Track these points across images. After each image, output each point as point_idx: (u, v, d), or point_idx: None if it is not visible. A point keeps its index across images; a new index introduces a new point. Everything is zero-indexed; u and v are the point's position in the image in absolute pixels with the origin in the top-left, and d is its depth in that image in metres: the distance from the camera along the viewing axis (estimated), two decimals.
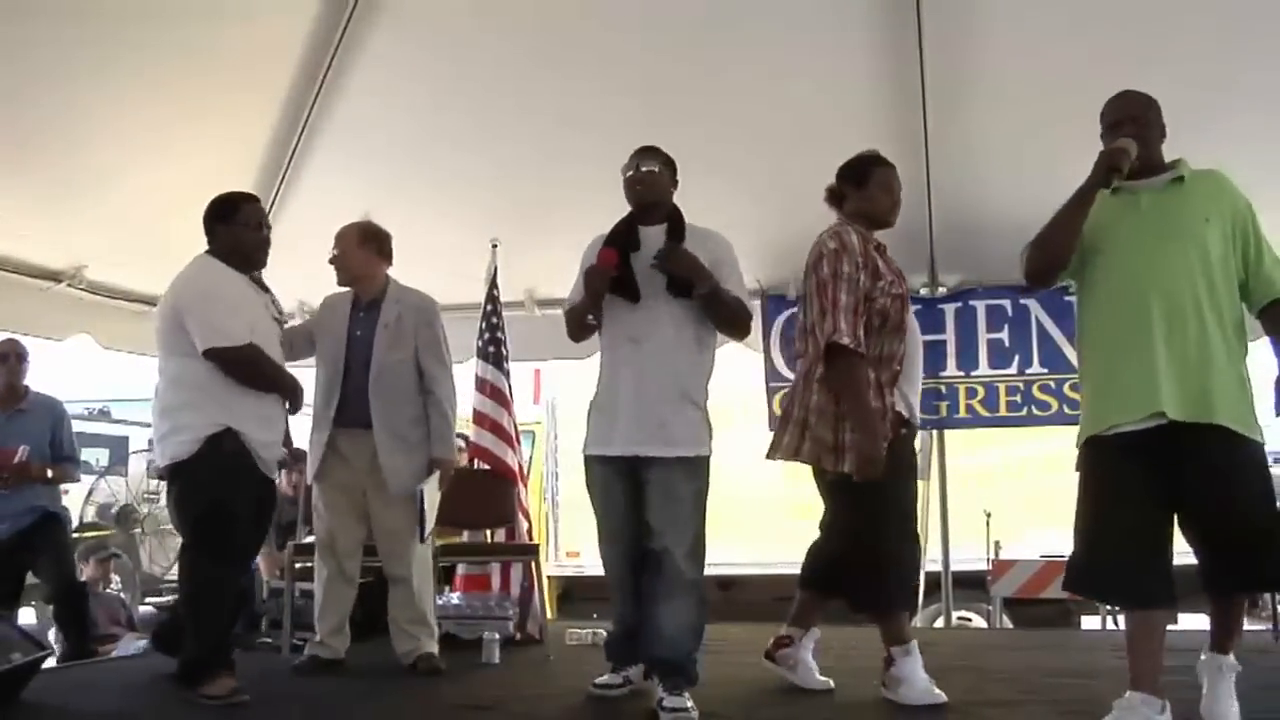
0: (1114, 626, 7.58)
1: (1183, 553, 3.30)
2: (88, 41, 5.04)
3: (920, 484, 7.19)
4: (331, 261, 5.07)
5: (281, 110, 6.13)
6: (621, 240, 4.11)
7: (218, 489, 4.13)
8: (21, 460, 5.65)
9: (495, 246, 6.44)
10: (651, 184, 4.14)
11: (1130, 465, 3.26)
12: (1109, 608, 7.42)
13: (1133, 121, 3.44)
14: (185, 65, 5.43)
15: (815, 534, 4.30)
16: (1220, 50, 5.21)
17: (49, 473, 5.80)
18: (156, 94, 5.52)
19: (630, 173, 4.17)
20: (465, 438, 6.32)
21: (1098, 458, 3.36)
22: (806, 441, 3.97)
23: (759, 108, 5.83)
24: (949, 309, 6.89)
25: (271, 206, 6.66)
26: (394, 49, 5.80)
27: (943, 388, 6.84)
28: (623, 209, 4.20)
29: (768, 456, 4.14)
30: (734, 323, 4.14)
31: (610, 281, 4.01)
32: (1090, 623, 7.86)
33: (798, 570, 4.39)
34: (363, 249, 5.06)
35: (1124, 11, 5.19)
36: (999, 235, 4.61)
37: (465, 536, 6.02)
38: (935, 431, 6.99)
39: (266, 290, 4.57)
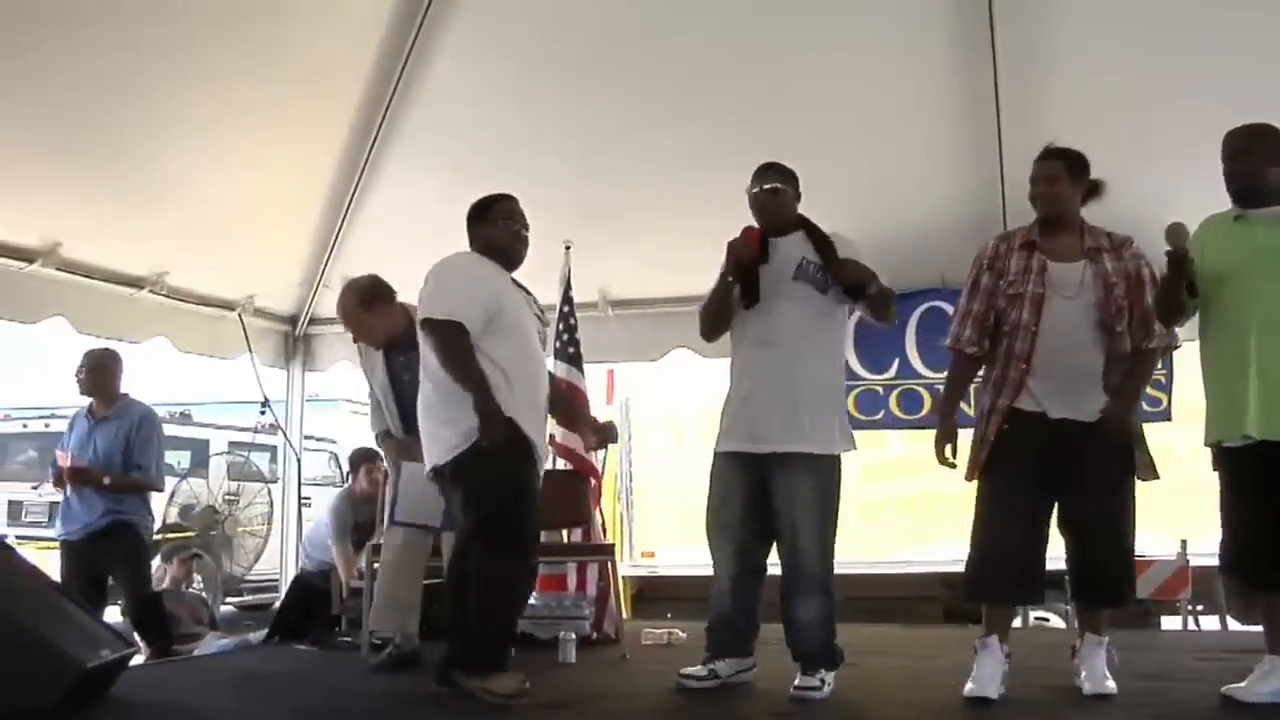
0: (1194, 628, 7.47)
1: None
2: (167, 48, 5.14)
3: None
4: (358, 340, 5.16)
5: (356, 115, 6.22)
6: (761, 237, 4.20)
7: (503, 483, 4.01)
8: (77, 465, 5.80)
9: (569, 249, 6.46)
10: (777, 203, 4.27)
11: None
12: (1191, 609, 7.37)
13: (1241, 156, 3.68)
14: (263, 71, 5.53)
15: (886, 533, 4.32)
16: None
17: (105, 479, 5.86)
18: (234, 100, 5.62)
19: (755, 190, 4.28)
20: (551, 436, 6.34)
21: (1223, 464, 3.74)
22: None
23: (827, 110, 5.82)
24: None
25: (346, 211, 6.77)
26: (465, 54, 5.87)
27: None
28: (695, 210, 4.21)
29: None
30: (887, 314, 4.35)
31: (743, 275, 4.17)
32: (1170, 623, 7.70)
33: (871, 570, 4.42)
34: (370, 313, 5.09)
35: (1195, 17, 5.16)
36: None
37: (542, 536, 6.04)
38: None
39: (526, 292, 4.46)
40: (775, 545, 4.21)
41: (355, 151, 6.43)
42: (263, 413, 7.48)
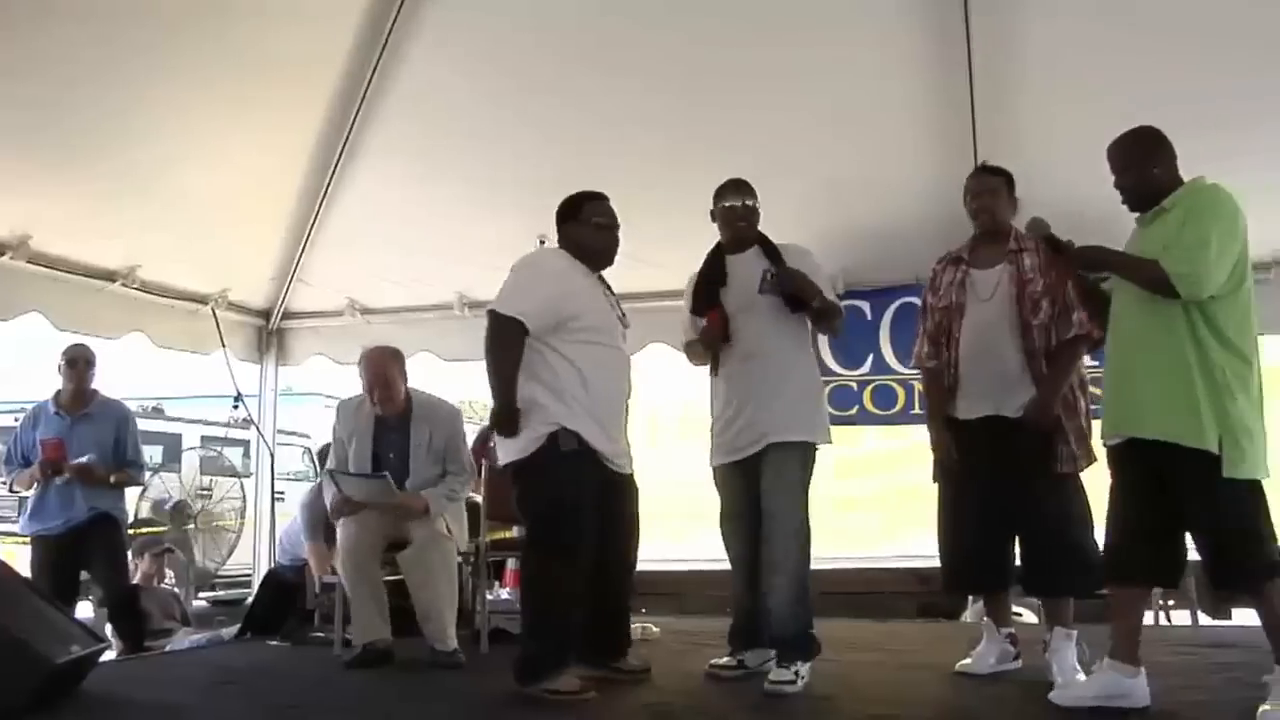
0: (1165, 622, 7.53)
1: None
2: (139, 44, 5.12)
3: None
4: (373, 392, 5.16)
5: (330, 109, 6.21)
6: (718, 281, 4.43)
7: (555, 488, 4.07)
8: (84, 463, 5.74)
9: (543, 243, 6.44)
10: (753, 221, 4.43)
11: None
12: (1161, 603, 7.43)
13: (1124, 172, 3.74)
14: (238, 66, 5.50)
15: (860, 529, 4.41)
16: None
17: (112, 477, 5.87)
18: (208, 95, 5.59)
19: (732, 205, 4.41)
20: None
21: None
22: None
23: (802, 105, 5.83)
24: None
25: (320, 205, 6.75)
26: (439, 50, 5.87)
27: None
28: (671, 205, 4.21)
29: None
30: (836, 325, 4.53)
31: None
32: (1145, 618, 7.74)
33: (845, 565, 4.51)
34: (401, 379, 5.23)
35: (1171, 9, 5.21)
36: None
37: (515, 532, 6.02)
38: None
39: (610, 291, 4.45)
40: (761, 535, 4.26)
41: (329, 146, 6.42)
42: (235, 407, 7.46)
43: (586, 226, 4.39)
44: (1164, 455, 3.49)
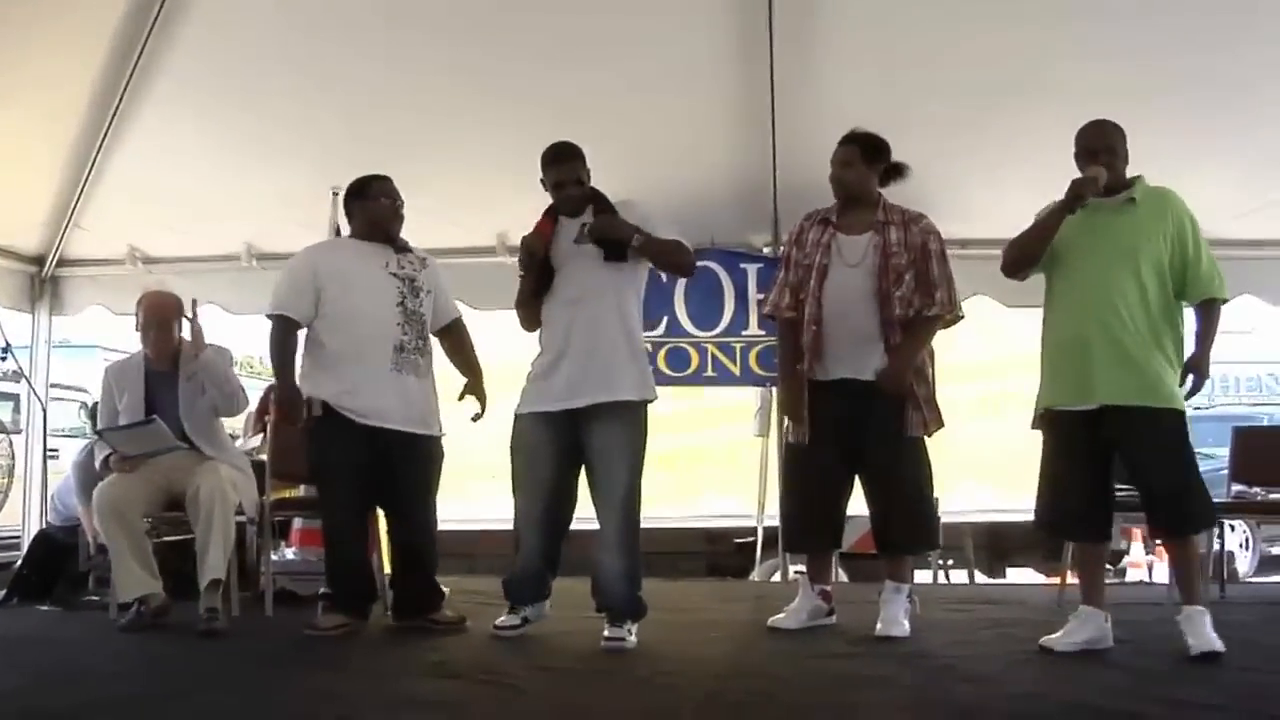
0: (944, 581, 7.91)
1: None
2: None
3: (760, 440, 7.39)
4: (149, 332, 5.06)
5: (112, 45, 5.91)
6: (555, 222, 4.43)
7: (315, 453, 4.64)
8: None
9: (336, 195, 6.29)
10: (579, 194, 4.40)
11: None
12: (941, 563, 7.85)
13: (1107, 151, 3.96)
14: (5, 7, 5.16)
15: (650, 490, 4.51)
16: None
17: None
18: None
19: (555, 183, 4.40)
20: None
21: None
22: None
23: (603, 70, 5.85)
24: None
25: (99, 148, 6.43)
26: None
27: None
28: (468, 163, 4.17)
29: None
30: (678, 263, 4.54)
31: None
32: (924, 577, 8.12)
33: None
34: (174, 318, 5.10)
35: None
36: None
37: (302, 491, 5.89)
38: (775, 389, 7.04)
39: (409, 259, 4.77)
40: (593, 499, 4.35)
41: (111, 86, 6.10)
42: (3, 359, 7.05)
43: (374, 203, 4.70)
44: (1122, 419, 3.87)
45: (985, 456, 7.68)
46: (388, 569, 4.91)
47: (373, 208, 4.70)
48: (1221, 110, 5.77)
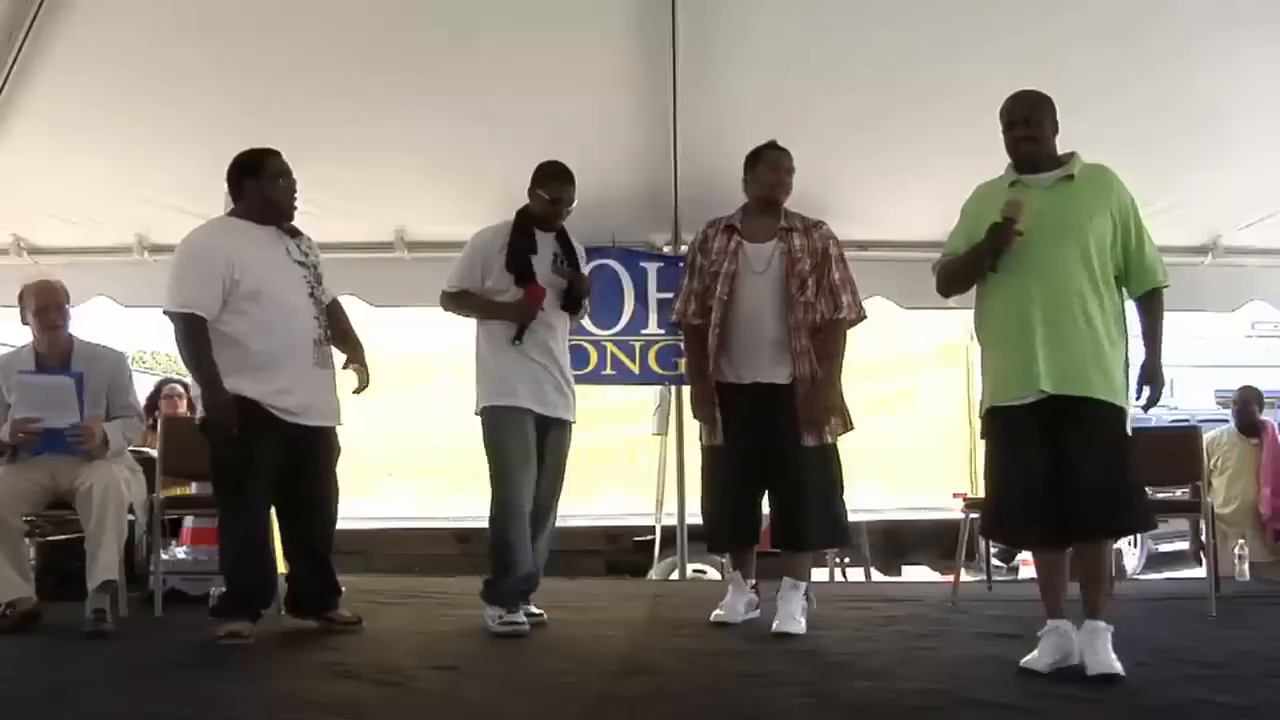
0: (841, 579, 8.03)
1: None
2: None
3: (658, 439, 7.42)
4: (44, 315, 4.86)
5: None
6: (530, 250, 4.66)
7: (234, 453, 4.26)
8: None
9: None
10: (568, 212, 4.76)
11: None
12: (839, 561, 7.98)
13: (1024, 123, 3.75)
14: None
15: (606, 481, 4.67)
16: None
17: None
18: None
19: (555, 199, 4.71)
20: (188, 386, 6.06)
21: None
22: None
23: (503, 68, 5.78)
24: None
25: None
26: None
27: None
28: (359, 152, 4.06)
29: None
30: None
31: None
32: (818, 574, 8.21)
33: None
34: (63, 304, 4.94)
35: None
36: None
37: (194, 489, 5.77)
38: (674, 388, 7.07)
39: (296, 235, 4.58)
40: (536, 494, 4.62)
41: None
42: None
43: (270, 182, 4.44)
44: (1063, 409, 3.63)
45: (882, 456, 7.77)
46: (282, 567, 4.78)
47: (270, 187, 4.42)
48: (1138, 110, 5.79)
